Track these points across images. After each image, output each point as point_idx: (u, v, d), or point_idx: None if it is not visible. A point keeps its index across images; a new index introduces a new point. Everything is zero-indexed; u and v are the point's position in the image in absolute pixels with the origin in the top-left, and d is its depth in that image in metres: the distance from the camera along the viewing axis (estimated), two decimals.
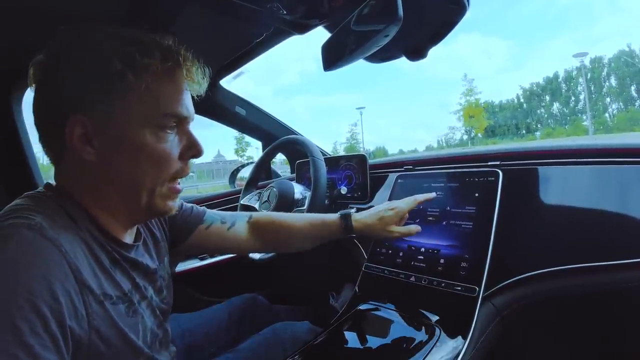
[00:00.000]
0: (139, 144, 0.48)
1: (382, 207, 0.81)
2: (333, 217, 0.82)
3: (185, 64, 0.51)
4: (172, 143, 0.51)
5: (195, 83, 0.53)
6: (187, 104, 0.53)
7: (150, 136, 0.49)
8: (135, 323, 0.51)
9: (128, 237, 0.56)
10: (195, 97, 0.55)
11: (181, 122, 0.53)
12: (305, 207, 1.00)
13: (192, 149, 0.53)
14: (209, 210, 0.78)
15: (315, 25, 0.83)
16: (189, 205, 0.76)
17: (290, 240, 0.83)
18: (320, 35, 0.83)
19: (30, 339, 0.35)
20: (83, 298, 0.42)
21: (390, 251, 0.87)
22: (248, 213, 0.83)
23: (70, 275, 0.41)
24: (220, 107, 1.41)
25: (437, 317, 0.69)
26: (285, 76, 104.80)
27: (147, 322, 0.54)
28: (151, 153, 0.49)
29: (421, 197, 0.81)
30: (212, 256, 1.28)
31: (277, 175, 1.59)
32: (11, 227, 0.40)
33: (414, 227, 0.79)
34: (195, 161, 0.58)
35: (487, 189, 0.79)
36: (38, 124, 0.50)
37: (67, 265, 0.41)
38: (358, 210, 0.92)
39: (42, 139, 0.51)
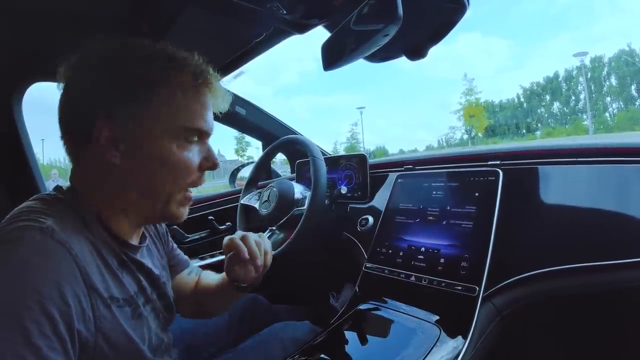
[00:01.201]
0: (163, 152, 0.50)
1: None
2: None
3: (211, 82, 0.53)
4: (194, 153, 0.53)
5: (217, 100, 0.55)
6: (209, 120, 0.54)
7: (175, 146, 0.51)
8: (140, 326, 0.51)
9: (135, 239, 0.56)
10: (218, 114, 0.57)
11: (202, 135, 0.54)
12: (305, 206, 1.00)
13: (209, 160, 0.55)
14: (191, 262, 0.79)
15: (315, 25, 0.83)
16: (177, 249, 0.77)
17: (204, 299, 0.76)
18: (320, 34, 0.83)
19: (38, 340, 0.36)
20: (91, 301, 0.43)
21: (390, 251, 0.87)
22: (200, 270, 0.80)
23: (79, 279, 0.42)
24: None
25: (437, 317, 0.69)
26: (285, 76, 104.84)
27: (151, 325, 0.54)
28: (174, 161, 0.51)
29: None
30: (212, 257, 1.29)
31: (277, 175, 1.59)
32: (22, 229, 0.41)
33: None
34: None
35: (487, 189, 0.79)
36: (64, 122, 0.51)
37: (77, 269, 0.42)
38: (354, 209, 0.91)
39: (65, 138, 0.51)
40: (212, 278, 0.76)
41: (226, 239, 0.63)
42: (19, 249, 0.39)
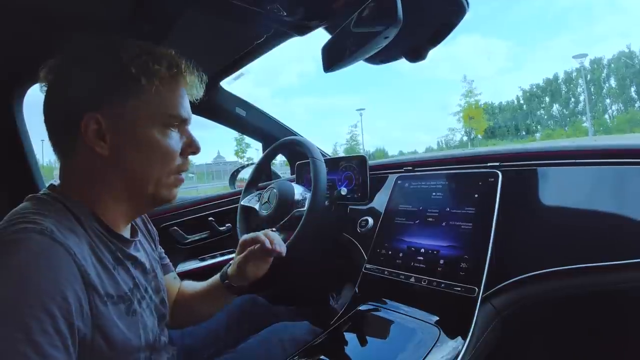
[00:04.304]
0: (147, 139, 0.53)
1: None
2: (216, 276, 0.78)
3: (185, 71, 0.57)
4: (175, 140, 0.56)
5: (193, 88, 0.59)
6: (187, 107, 0.58)
7: (157, 133, 0.54)
8: (135, 322, 0.52)
9: (127, 233, 0.59)
10: (194, 101, 0.60)
11: (182, 123, 0.58)
12: (305, 208, 1.00)
13: (191, 146, 0.59)
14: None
15: (316, 27, 0.83)
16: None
17: (190, 305, 0.78)
18: (320, 36, 0.83)
19: (39, 337, 0.37)
20: (89, 298, 0.44)
21: (390, 252, 0.87)
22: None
23: (78, 276, 0.43)
24: (220, 108, 1.42)
25: (437, 318, 0.69)
26: (284, 77, 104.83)
27: (146, 322, 0.55)
28: (158, 148, 0.54)
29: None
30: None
31: (277, 176, 1.59)
32: (21, 231, 0.42)
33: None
34: (195, 162, 0.63)
35: (486, 190, 0.79)
36: (51, 120, 0.53)
37: (76, 267, 0.43)
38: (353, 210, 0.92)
39: (54, 135, 0.53)
40: (198, 284, 0.80)
41: (245, 236, 0.73)
42: (19, 252, 0.40)
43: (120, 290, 0.50)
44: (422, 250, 0.81)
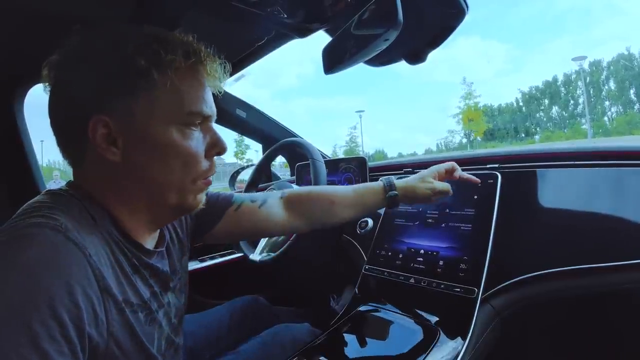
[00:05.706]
0: (165, 142, 0.46)
1: (423, 172, 0.80)
2: (376, 183, 0.78)
3: (206, 60, 0.49)
4: (197, 141, 0.49)
5: (216, 79, 0.51)
6: (210, 101, 0.51)
7: (176, 134, 0.47)
8: (152, 331, 0.50)
9: (150, 241, 0.53)
10: (217, 94, 0.54)
11: (205, 120, 0.51)
12: None
13: (217, 146, 0.52)
14: (236, 193, 0.74)
15: (316, 29, 0.83)
16: (215, 192, 0.72)
17: (332, 210, 0.75)
18: (319, 38, 0.84)
19: (46, 344, 0.34)
20: (104, 304, 0.41)
21: (389, 253, 0.87)
22: (280, 191, 0.77)
23: (93, 281, 0.39)
24: (220, 109, 1.40)
25: (437, 319, 0.70)
26: (284, 79, 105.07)
27: (164, 329, 0.53)
28: (178, 151, 0.47)
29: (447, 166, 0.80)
30: (224, 250, 1.28)
31: (277, 178, 1.60)
32: (34, 226, 0.38)
33: (448, 186, 0.78)
34: None
35: (486, 192, 0.79)
36: (56, 124, 0.48)
37: (91, 270, 0.39)
38: None
39: (61, 141, 0.48)
40: (344, 189, 0.77)
41: (443, 185, 0.77)
42: (30, 248, 0.37)
43: (140, 298, 0.47)
44: (422, 251, 0.82)
